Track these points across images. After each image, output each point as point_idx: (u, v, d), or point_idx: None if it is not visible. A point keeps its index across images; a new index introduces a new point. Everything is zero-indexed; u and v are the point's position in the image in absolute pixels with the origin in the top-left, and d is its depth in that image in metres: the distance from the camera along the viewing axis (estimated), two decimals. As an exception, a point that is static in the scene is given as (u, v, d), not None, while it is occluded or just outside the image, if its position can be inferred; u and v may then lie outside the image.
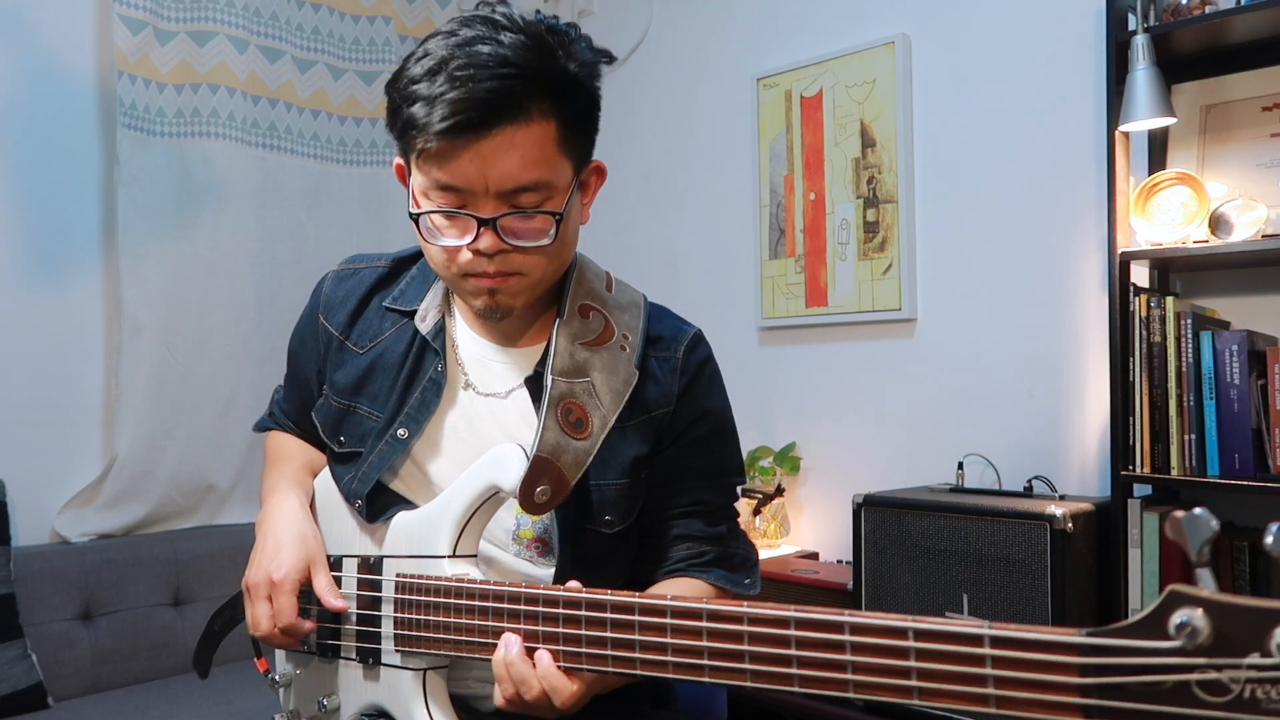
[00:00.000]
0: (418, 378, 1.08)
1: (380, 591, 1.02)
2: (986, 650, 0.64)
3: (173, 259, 2.45)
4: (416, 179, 0.97)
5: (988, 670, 0.64)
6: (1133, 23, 1.88)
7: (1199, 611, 0.57)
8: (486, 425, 1.07)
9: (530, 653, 0.87)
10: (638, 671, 0.82)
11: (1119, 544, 1.84)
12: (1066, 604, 1.77)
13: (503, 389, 1.08)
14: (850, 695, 0.70)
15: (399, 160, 1.02)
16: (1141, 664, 0.59)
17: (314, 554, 1.04)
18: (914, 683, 0.67)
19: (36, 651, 2.06)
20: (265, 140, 2.63)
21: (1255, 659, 0.55)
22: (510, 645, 0.88)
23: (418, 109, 0.91)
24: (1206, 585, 0.58)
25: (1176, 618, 0.58)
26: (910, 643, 0.67)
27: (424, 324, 1.09)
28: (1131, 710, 0.59)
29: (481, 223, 0.94)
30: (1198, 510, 0.59)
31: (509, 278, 0.98)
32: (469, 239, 0.95)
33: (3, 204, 2.26)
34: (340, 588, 1.05)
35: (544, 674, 0.86)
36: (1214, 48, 1.92)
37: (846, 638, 0.70)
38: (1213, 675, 0.57)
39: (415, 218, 0.98)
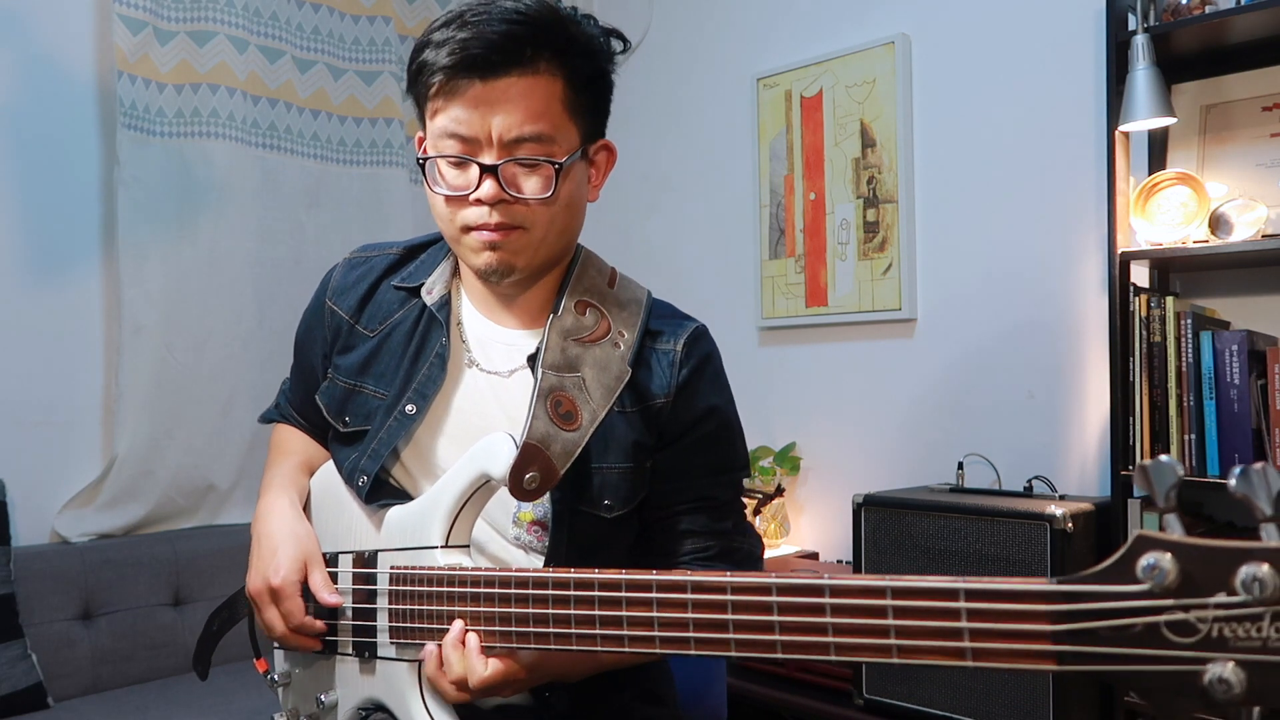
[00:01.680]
0: (424, 352, 1.09)
1: (375, 584, 1.03)
2: (961, 604, 0.66)
3: (173, 259, 2.44)
4: (429, 129, 1.01)
5: (963, 624, 0.66)
6: (1133, 23, 1.88)
7: (1166, 555, 0.58)
8: (489, 405, 1.08)
9: (488, 638, 0.92)
10: (626, 649, 0.83)
11: (1119, 544, 1.82)
12: (1066, 604, 1.77)
13: (505, 368, 1.09)
14: (832, 658, 0.72)
15: (420, 134, 1.05)
16: (1111, 608, 0.60)
17: (309, 551, 1.05)
18: (893, 641, 0.68)
19: (36, 651, 2.06)
20: (265, 140, 2.63)
21: (1221, 598, 0.57)
22: (451, 630, 0.93)
23: (429, 53, 0.96)
24: (1174, 530, 0.60)
25: (1144, 561, 0.59)
26: (888, 601, 0.69)
27: (429, 296, 1.11)
28: (1103, 654, 0.60)
29: (484, 169, 0.97)
30: (1163, 457, 0.61)
31: (510, 231, 1.00)
32: (471, 187, 0.98)
33: (3, 204, 2.26)
34: (336, 583, 1.05)
35: (465, 656, 0.92)
36: (1214, 48, 1.92)
37: (827, 600, 0.71)
38: (1180, 616, 0.58)
39: (422, 164, 1.02)
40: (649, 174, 3.01)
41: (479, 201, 0.98)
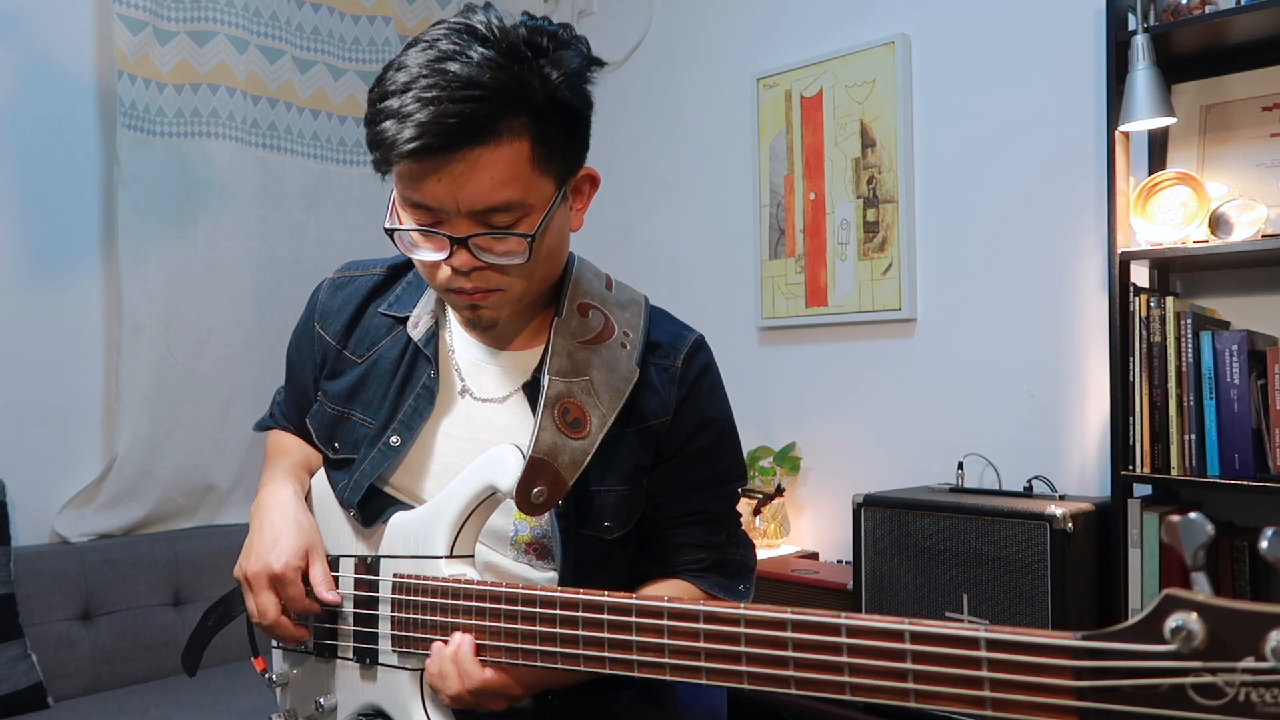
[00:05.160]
0: (410, 385, 1.08)
1: (377, 591, 1.02)
2: (983, 653, 0.65)
3: (173, 259, 2.45)
4: (395, 193, 0.97)
5: (984, 673, 0.64)
6: (1133, 23, 1.88)
7: (1194, 615, 0.57)
8: (483, 432, 1.06)
9: (478, 649, 0.92)
10: (635, 674, 0.82)
11: (1119, 544, 1.83)
12: (1066, 604, 1.77)
13: (500, 394, 1.07)
14: (847, 697, 0.70)
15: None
16: (1136, 667, 0.59)
17: (312, 541, 1.04)
18: (910, 685, 0.67)
19: (36, 651, 2.06)
20: (265, 140, 2.63)
21: (1250, 663, 0.56)
22: (450, 643, 0.93)
23: (387, 127, 0.89)
24: (1202, 589, 0.59)
25: (1172, 621, 0.58)
26: (907, 645, 0.68)
27: (415, 330, 1.09)
28: (1126, 713, 0.59)
29: (454, 241, 0.93)
30: (1193, 515, 0.59)
31: (489, 294, 0.97)
32: (443, 255, 0.94)
33: (3, 204, 2.26)
34: (337, 587, 1.05)
35: (459, 661, 0.92)
36: (1214, 48, 1.92)
37: (843, 640, 0.70)
38: (1208, 679, 0.57)
39: (390, 233, 0.97)
40: (649, 174, 3.00)
41: (454, 269, 0.94)
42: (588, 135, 1.00)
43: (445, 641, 0.95)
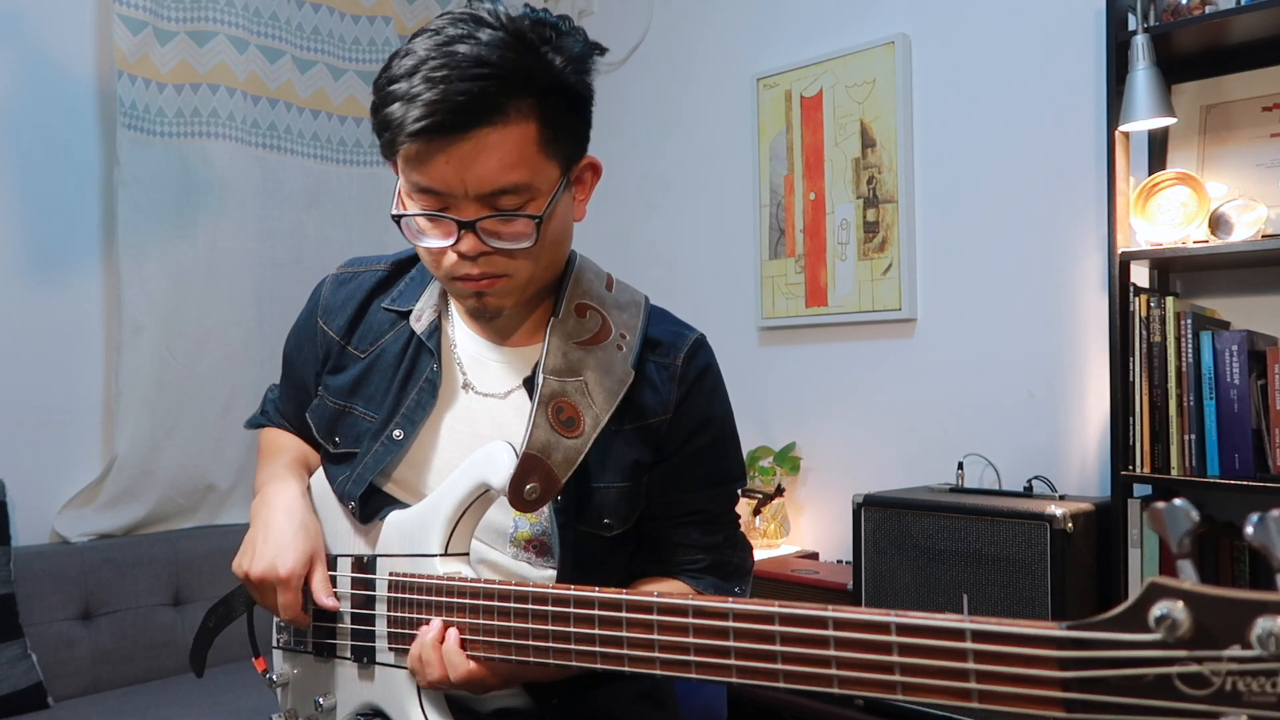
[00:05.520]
0: (413, 378, 1.08)
1: (374, 590, 1.02)
2: (968, 644, 0.64)
3: (173, 259, 2.45)
4: (400, 180, 0.97)
5: (970, 664, 0.64)
6: (1133, 23, 1.88)
7: (1179, 604, 0.57)
8: (483, 426, 1.06)
9: (469, 644, 0.93)
10: (625, 668, 0.82)
11: (1119, 544, 1.83)
12: (1066, 604, 1.77)
13: (501, 389, 1.07)
14: (835, 690, 0.71)
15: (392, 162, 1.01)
16: (1122, 657, 0.59)
17: (316, 547, 1.05)
18: (897, 677, 0.67)
19: (36, 651, 2.06)
20: (265, 140, 2.63)
21: (1236, 651, 0.55)
22: (430, 629, 0.94)
23: (394, 109, 0.90)
24: (1188, 577, 0.58)
25: (1157, 610, 0.57)
26: (893, 637, 0.68)
27: (418, 324, 1.09)
28: (1113, 703, 0.59)
29: (461, 225, 0.93)
30: (1177, 501, 0.59)
31: (496, 280, 0.98)
32: (450, 241, 0.95)
33: (3, 204, 2.26)
34: (335, 587, 1.05)
35: (445, 654, 0.93)
36: (1214, 48, 1.92)
37: (830, 633, 0.71)
38: (1194, 668, 0.56)
39: (398, 219, 0.97)
40: (649, 174, 3.01)
41: (461, 255, 0.95)
42: (590, 123, 1.01)
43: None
